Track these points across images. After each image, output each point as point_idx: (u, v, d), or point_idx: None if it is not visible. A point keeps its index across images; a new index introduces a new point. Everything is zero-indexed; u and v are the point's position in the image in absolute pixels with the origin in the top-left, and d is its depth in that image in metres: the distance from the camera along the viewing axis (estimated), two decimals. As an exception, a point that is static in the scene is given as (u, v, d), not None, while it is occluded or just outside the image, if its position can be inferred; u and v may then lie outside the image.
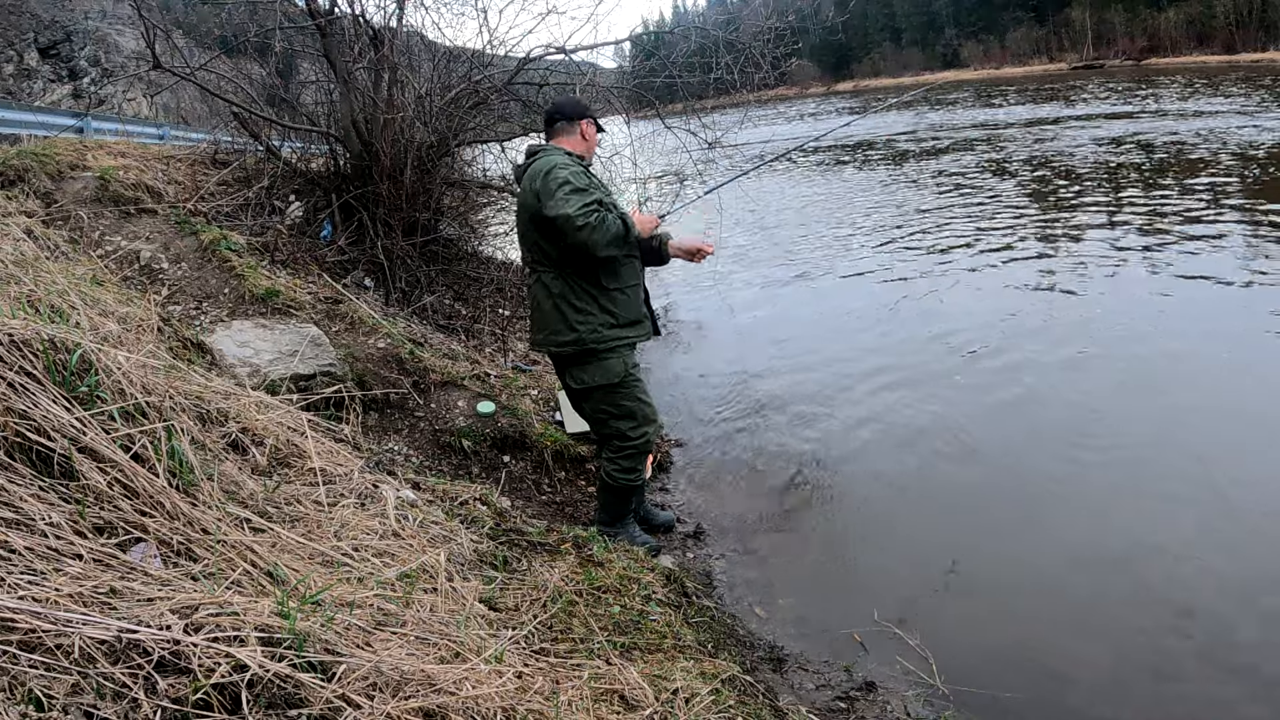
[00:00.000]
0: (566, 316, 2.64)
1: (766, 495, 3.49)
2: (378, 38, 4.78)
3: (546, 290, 2.66)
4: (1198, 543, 2.75)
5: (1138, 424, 3.65)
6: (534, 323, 2.79)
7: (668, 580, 2.43)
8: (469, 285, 5.39)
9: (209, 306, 3.61)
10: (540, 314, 2.71)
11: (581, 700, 1.50)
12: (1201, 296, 5.25)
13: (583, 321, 2.63)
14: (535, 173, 2.56)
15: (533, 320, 2.80)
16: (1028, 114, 21.39)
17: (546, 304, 2.67)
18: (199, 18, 10.38)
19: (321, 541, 1.79)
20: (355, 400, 3.23)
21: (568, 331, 2.64)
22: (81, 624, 1.08)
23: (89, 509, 1.41)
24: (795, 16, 6.32)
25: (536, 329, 2.77)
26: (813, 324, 5.80)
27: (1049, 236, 7.41)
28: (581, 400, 2.81)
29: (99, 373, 1.64)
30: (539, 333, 2.76)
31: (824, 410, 4.23)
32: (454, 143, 5.09)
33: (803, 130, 24.83)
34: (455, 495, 2.61)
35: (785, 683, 2.25)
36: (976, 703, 2.16)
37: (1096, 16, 55.63)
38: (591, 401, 2.76)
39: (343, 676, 1.19)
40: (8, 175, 4.10)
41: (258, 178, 4.92)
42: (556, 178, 2.47)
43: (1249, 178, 9.04)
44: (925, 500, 3.28)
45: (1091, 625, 2.43)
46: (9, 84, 22.09)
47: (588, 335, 2.63)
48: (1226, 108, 17.06)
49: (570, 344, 2.65)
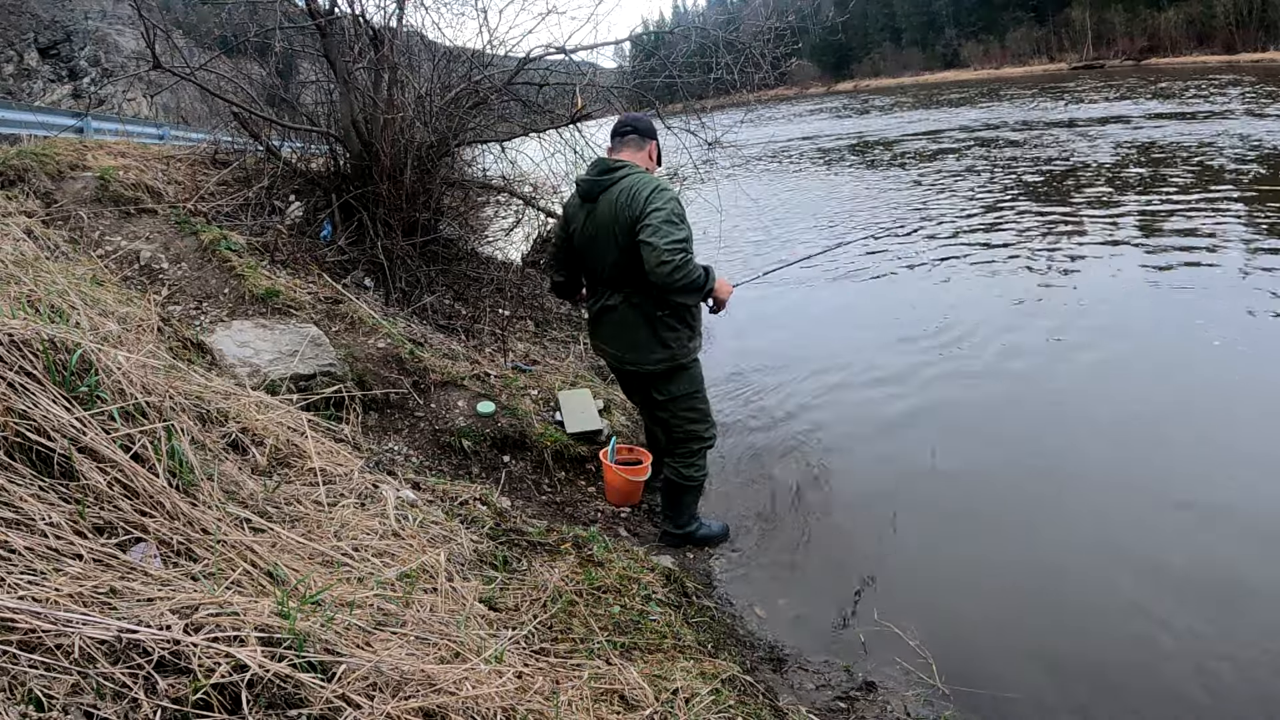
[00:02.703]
0: (662, 337, 2.73)
1: (766, 495, 3.49)
2: (378, 38, 4.78)
3: (639, 313, 2.71)
4: (1198, 543, 2.75)
5: (1138, 424, 3.65)
6: (619, 343, 2.82)
7: (668, 580, 2.43)
8: (469, 285, 5.39)
9: (209, 306, 3.61)
10: (630, 336, 2.76)
11: (581, 700, 1.50)
12: (1199, 293, 5.25)
13: (675, 339, 2.75)
14: (633, 192, 2.54)
15: (612, 338, 2.84)
16: (1028, 114, 21.39)
17: (640, 328, 2.73)
18: (199, 18, 10.38)
19: (321, 541, 1.79)
20: (355, 400, 3.23)
21: (661, 350, 2.75)
22: (81, 624, 1.08)
23: (89, 509, 1.41)
24: (795, 16, 6.31)
25: (625, 349, 2.81)
26: (814, 323, 5.80)
27: (1050, 237, 7.41)
28: (659, 410, 2.92)
29: (99, 373, 1.64)
30: (628, 352, 2.81)
31: (824, 410, 4.23)
32: (454, 143, 5.09)
33: (802, 130, 24.84)
34: (455, 495, 2.61)
35: (785, 683, 2.25)
36: (976, 703, 2.16)
37: (1096, 16, 55.61)
38: (673, 409, 2.88)
39: (343, 676, 1.19)
40: (8, 175, 4.10)
41: (258, 178, 4.92)
42: (656, 204, 2.46)
43: (1249, 177, 9.04)
44: (926, 500, 3.28)
45: (1092, 625, 2.43)
46: (9, 84, 22.09)
47: (679, 351, 2.77)
48: (1227, 108, 17.05)
49: (664, 361, 2.76)
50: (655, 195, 2.49)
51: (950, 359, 4.68)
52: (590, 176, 2.76)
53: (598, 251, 2.72)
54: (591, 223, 2.71)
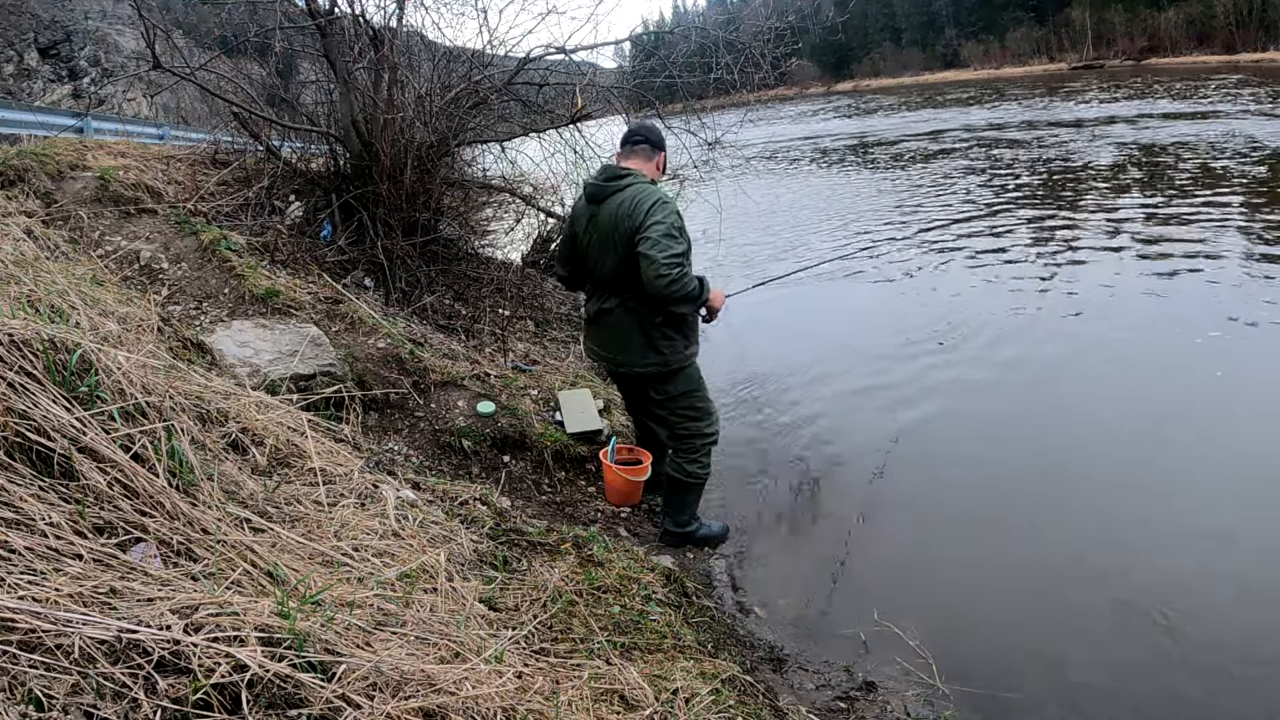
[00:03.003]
0: (655, 343, 2.81)
1: (766, 495, 3.49)
2: (378, 38, 4.78)
3: (635, 319, 2.79)
4: (1198, 543, 2.75)
5: (1139, 424, 3.65)
6: (612, 345, 2.91)
7: (668, 580, 2.43)
8: (469, 285, 5.39)
9: (209, 306, 3.61)
10: (623, 340, 2.85)
11: (581, 700, 1.50)
12: (1201, 292, 5.25)
13: (669, 347, 2.83)
14: (635, 203, 2.63)
15: (607, 340, 2.92)
16: (1028, 115, 21.39)
17: (634, 333, 2.81)
18: (199, 18, 10.38)
19: (321, 541, 1.79)
20: (355, 400, 3.23)
21: (654, 355, 2.83)
22: (81, 624, 1.08)
23: (89, 509, 1.41)
24: (795, 16, 6.31)
25: (617, 351, 2.90)
26: (814, 325, 5.80)
27: (1050, 238, 7.41)
28: (659, 409, 2.98)
29: (99, 373, 1.64)
30: (620, 354, 2.89)
31: (824, 411, 4.23)
32: (454, 143, 5.08)
33: (801, 130, 24.84)
34: (455, 495, 2.61)
35: (785, 683, 2.25)
36: (976, 703, 2.16)
37: (1096, 16, 55.59)
38: (672, 407, 2.94)
39: (343, 676, 1.19)
40: (8, 175, 4.10)
41: (258, 178, 4.92)
42: (656, 218, 2.55)
43: (1250, 178, 9.03)
44: (926, 500, 3.28)
45: (1092, 626, 2.43)
46: (9, 84, 22.07)
47: (671, 358, 2.85)
48: (1227, 108, 17.05)
49: (655, 365, 2.84)
50: (656, 208, 2.57)
51: (951, 360, 4.68)
52: (598, 181, 2.84)
53: (598, 255, 2.81)
54: (594, 226, 2.80)
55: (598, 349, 3.01)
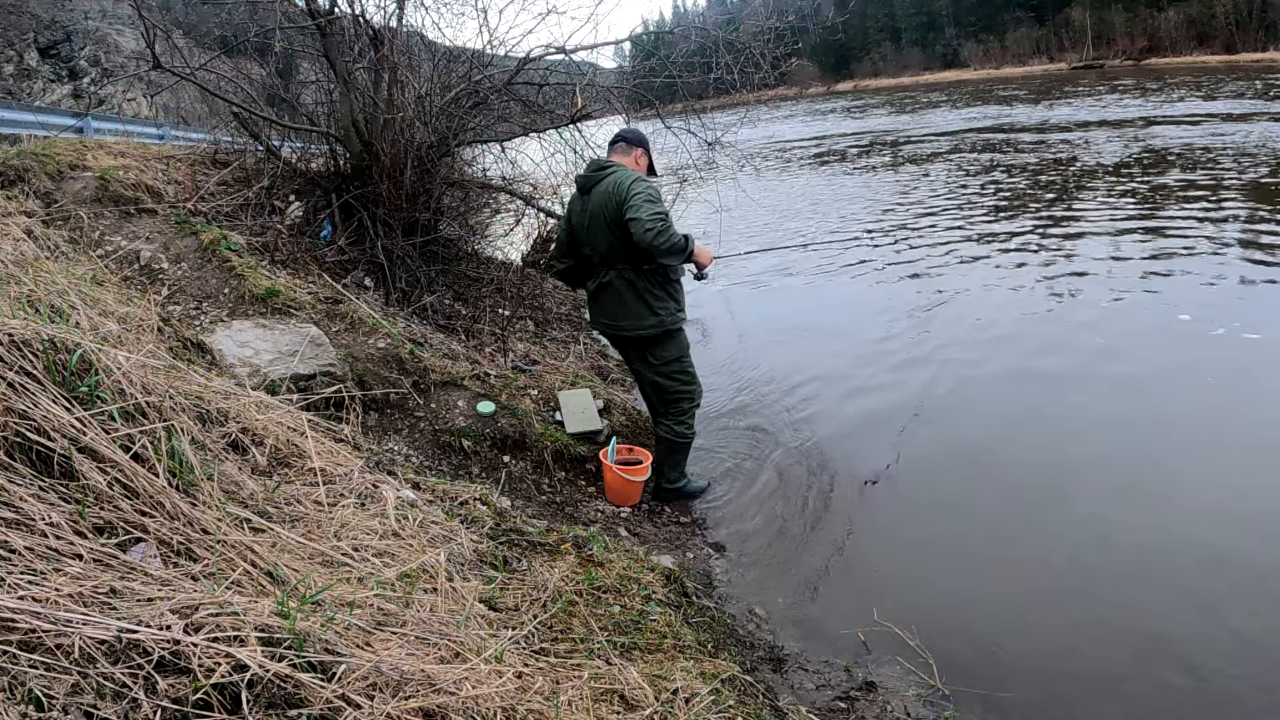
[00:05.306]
0: (650, 304, 3.16)
1: (766, 495, 3.49)
2: (378, 38, 4.77)
3: (629, 284, 3.15)
4: (1200, 543, 2.75)
5: (1138, 424, 3.65)
6: (613, 311, 3.24)
7: (668, 580, 2.43)
8: (469, 285, 5.39)
9: (209, 306, 3.61)
10: (622, 304, 3.19)
11: (581, 700, 1.50)
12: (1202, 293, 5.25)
13: (663, 308, 3.19)
14: (617, 183, 3.05)
15: (610, 310, 3.25)
16: (1029, 115, 21.39)
17: (630, 296, 3.16)
18: (199, 18, 10.36)
19: (321, 541, 1.79)
20: (355, 400, 3.23)
21: (651, 316, 3.18)
22: (81, 624, 1.08)
23: (89, 509, 1.41)
24: (795, 16, 6.30)
25: (619, 317, 3.23)
26: (813, 324, 5.80)
27: (1051, 238, 7.41)
28: (654, 374, 3.32)
29: (99, 373, 1.64)
30: (622, 320, 3.23)
31: (823, 410, 4.23)
32: (454, 143, 5.08)
33: (800, 130, 24.85)
34: (455, 495, 2.61)
35: (785, 683, 2.25)
36: (976, 703, 2.16)
37: (1096, 16, 55.59)
38: (666, 372, 3.30)
39: (343, 676, 1.19)
40: (8, 175, 4.10)
41: (258, 178, 4.92)
42: (637, 190, 2.97)
43: (1251, 178, 9.04)
44: (925, 500, 3.28)
45: (1091, 625, 2.42)
46: (9, 84, 22.06)
47: (667, 319, 3.20)
48: (1228, 109, 17.05)
49: (653, 326, 3.19)
50: (635, 184, 3.01)
51: (952, 360, 4.68)
52: (586, 173, 3.28)
53: (593, 236, 3.17)
54: (587, 212, 3.17)
55: (602, 318, 3.34)
